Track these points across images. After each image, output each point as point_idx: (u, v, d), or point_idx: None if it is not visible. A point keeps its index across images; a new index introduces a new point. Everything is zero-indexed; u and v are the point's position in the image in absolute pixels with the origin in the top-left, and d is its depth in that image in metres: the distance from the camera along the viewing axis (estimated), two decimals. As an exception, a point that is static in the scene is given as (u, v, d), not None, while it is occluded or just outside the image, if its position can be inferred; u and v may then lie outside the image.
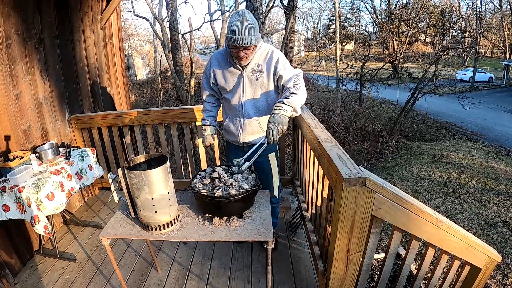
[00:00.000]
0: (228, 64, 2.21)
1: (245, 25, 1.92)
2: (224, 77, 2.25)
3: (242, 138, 2.36)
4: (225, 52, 2.21)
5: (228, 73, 2.23)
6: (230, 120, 2.38)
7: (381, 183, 1.59)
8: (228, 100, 2.32)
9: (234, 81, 2.23)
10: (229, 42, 1.98)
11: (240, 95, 2.24)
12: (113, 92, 4.32)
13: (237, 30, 1.92)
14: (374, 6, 23.96)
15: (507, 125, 14.53)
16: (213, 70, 2.27)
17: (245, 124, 2.31)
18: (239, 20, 1.91)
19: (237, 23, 1.91)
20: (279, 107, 1.89)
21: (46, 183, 2.38)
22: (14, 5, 2.68)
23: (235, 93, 2.25)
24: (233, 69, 2.20)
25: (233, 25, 1.92)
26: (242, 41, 1.94)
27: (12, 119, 2.68)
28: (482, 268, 2.17)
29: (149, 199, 1.69)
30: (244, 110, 2.27)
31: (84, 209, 3.60)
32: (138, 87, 23.20)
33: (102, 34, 4.05)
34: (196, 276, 2.52)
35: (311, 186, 2.58)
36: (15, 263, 2.64)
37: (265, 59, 2.16)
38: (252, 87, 2.21)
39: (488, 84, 23.76)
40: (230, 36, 1.95)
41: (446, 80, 15.29)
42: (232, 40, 1.95)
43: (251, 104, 2.25)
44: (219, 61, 2.25)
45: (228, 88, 2.27)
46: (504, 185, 7.50)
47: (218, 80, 2.28)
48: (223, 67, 2.24)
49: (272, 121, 1.87)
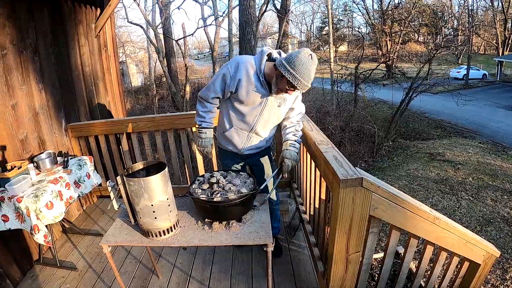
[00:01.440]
0: (257, 81, 2.03)
1: (313, 73, 1.88)
2: (247, 92, 2.05)
3: (245, 150, 2.31)
4: (258, 68, 2.03)
5: (253, 90, 2.05)
6: (235, 132, 2.24)
7: (378, 183, 1.61)
8: (239, 113, 2.16)
9: (256, 100, 2.08)
10: (292, 80, 1.85)
11: (257, 116, 2.15)
12: (108, 99, 4.32)
13: (306, 76, 1.85)
14: (367, 7, 24.10)
15: (502, 121, 14.63)
16: (239, 80, 2.01)
17: (251, 139, 2.27)
18: (312, 66, 1.86)
19: (309, 68, 1.85)
20: (293, 144, 2.14)
21: (45, 192, 2.38)
22: (8, 15, 2.69)
23: (252, 111, 2.13)
24: (260, 87, 2.04)
25: (304, 67, 1.83)
26: (304, 88, 1.90)
27: (9, 129, 2.68)
28: (481, 264, 2.20)
29: (148, 205, 1.70)
30: (255, 127, 2.21)
31: (83, 218, 3.59)
32: (133, 94, 23.19)
33: (96, 42, 4.06)
34: (197, 281, 2.53)
35: (309, 188, 2.59)
36: (15, 273, 2.63)
37: None
38: (271, 112, 2.16)
39: (482, 81, 23.90)
40: (296, 76, 1.84)
41: (440, 78, 15.41)
42: (298, 82, 1.86)
43: (263, 124, 2.21)
44: (248, 73, 2.02)
45: (246, 104, 2.11)
46: (501, 181, 7.55)
47: (240, 92, 2.05)
48: (251, 83, 2.03)
49: (289, 157, 2.09)
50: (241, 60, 2.06)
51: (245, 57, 2.08)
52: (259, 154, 2.43)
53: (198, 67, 30.84)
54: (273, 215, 2.54)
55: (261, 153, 2.43)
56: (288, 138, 2.16)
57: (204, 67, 30.57)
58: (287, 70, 1.85)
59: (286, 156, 2.09)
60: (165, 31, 12.84)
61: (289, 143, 2.13)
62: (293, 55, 1.86)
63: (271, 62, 2.02)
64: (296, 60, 1.84)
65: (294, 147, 2.12)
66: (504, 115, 15.59)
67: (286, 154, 2.10)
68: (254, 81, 2.03)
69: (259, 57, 2.04)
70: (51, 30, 3.24)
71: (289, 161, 2.08)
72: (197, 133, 2.33)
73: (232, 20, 15.83)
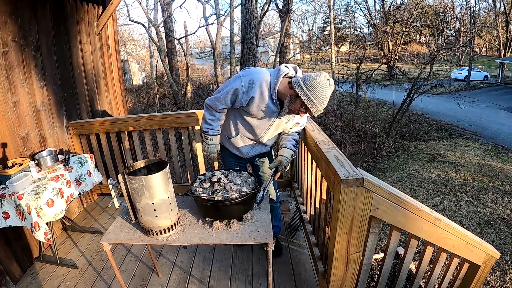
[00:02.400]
0: (270, 99, 2.02)
1: (328, 99, 1.89)
2: (258, 109, 2.06)
3: (248, 155, 2.42)
4: (273, 87, 2.00)
5: (265, 107, 2.05)
6: (241, 139, 2.31)
7: (379, 183, 1.61)
8: (248, 124, 2.20)
9: (266, 116, 2.12)
10: (309, 105, 1.84)
11: (265, 129, 2.22)
12: (110, 97, 4.33)
13: (322, 101, 1.85)
14: (369, 8, 24.13)
15: (503, 123, 14.61)
16: (252, 97, 2.00)
17: (256, 148, 2.38)
18: (329, 92, 1.86)
19: (325, 93, 1.85)
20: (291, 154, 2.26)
21: (46, 190, 2.38)
22: (10, 12, 2.69)
23: (260, 124, 2.19)
24: (272, 106, 2.04)
25: (320, 91, 1.83)
26: (317, 113, 1.89)
27: (10, 126, 2.68)
28: (481, 265, 2.19)
29: (149, 204, 1.70)
30: (261, 138, 2.29)
31: (83, 215, 3.60)
32: (134, 92, 23.21)
33: (98, 40, 4.06)
34: (197, 280, 2.53)
35: (310, 188, 2.59)
36: (15, 270, 2.63)
37: None
38: (279, 127, 2.24)
39: (484, 83, 23.90)
40: (312, 99, 1.83)
41: (441, 79, 15.37)
42: (311, 104, 1.84)
43: (269, 136, 2.30)
44: (262, 92, 2.00)
45: (256, 117, 2.14)
46: (501, 182, 7.54)
47: (251, 107, 2.05)
48: (263, 101, 2.02)
49: (285, 164, 2.22)
50: (257, 77, 2.00)
51: (260, 74, 2.01)
52: (261, 154, 2.50)
53: (199, 66, 30.85)
54: (273, 214, 2.56)
55: (262, 154, 2.51)
56: (290, 148, 2.25)
57: (206, 66, 30.60)
58: (303, 91, 1.83)
59: (284, 165, 2.22)
60: (167, 30, 12.84)
61: (291, 154, 2.25)
62: (311, 77, 1.85)
63: (286, 79, 2.01)
64: (314, 83, 1.82)
65: (292, 157, 2.27)
66: (505, 117, 15.58)
67: (285, 162, 2.22)
68: (266, 100, 2.02)
69: (275, 76, 1.99)
70: (53, 28, 3.25)
71: (281, 168, 2.22)
72: (203, 137, 2.35)
73: (234, 20, 15.81)
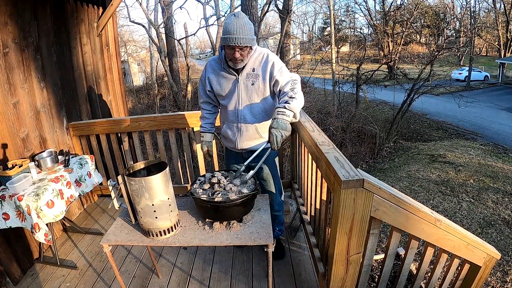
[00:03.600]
0: (223, 70, 2.18)
1: (240, 24, 1.91)
2: (219, 84, 2.23)
3: (240, 144, 2.33)
4: (219, 59, 2.19)
5: (223, 79, 2.20)
6: (227, 127, 2.36)
7: (379, 184, 1.60)
8: (224, 107, 2.29)
9: (229, 87, 2.20)
10: (224, 42, 1.96)
11: (236, 101, 2.21)
12: (110, 98, 4.33)
13: (233, 30, 1.90)
14: (369, 8, 24.15)
15: (503, 123, 14.61)
16: (208, 77, 2.25)
17: (242, 130, 2.28)
18: (235, 20, 1.91)
19: (232, 23, 1.90)
20: (281, 112, 1.87)
21: (46, 191, 2.38)
22: (11, 13, 2.69)
23: (231, 99, 2.22)
24: (228, 75, 2.17)
25: (228, 25, 1.91)
26: (238, 40, 1.92)
27: (10, 127, 2.68)
28: (481, 266, 2.19)
29: (149, 205, 1.69)
30: (241, 115, 2.24)
31: (83, 216, 3.60)
32: (134, 93, 23.23)
33: (98, 41, 4.07)
34: (197, 281, 2.53)
35: (310, 189, 2.59)
36: (15, 271, 2.63)
37: (261, 63, 2.12)
38: (248, 93, 2.18)
39: (484, 83, 23.91)
40: (226, 36, 1.93)
41: (441, 80, 15.36)
42: (227, 40, 1.93)
43: (248, 109, 2.22)
44: (213, 68, 2.23)
45: (224, 94, 2.24)
46: (502, 183, 7.54)
47: (214, 86, 2.26)
48: (218, 74, 2.21)
49: (275, 126, 1.84)
50: (208, 60, 2.31)
51: (212, 57, 2.31)
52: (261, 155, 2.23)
53: (199, 67, 30.84)
54: (276, 220, 2.57)
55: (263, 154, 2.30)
56: (277, 106, 1.94)
57: (206, 67, 30.55)
58: (220, 40, 2.01)
59: (272, 126, 1.85)
60: (167, 31, 12.85)
61: (277, 111, 1.90)
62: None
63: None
64: (223, 26, 1.97)
65: (283, 114, 1.87)
66: (506, 117, 15.57)
67: (273, 123, 1.86)
68: (219, 71, 2.21)
69: (220, 46, 2.10)
70: (53, 29, 3.25)
71: (275, 130, 1.84)
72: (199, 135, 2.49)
73: (234, 20, 15.79)
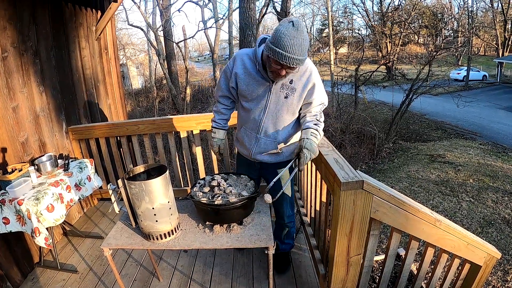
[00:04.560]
0: (256, 71, 1.89)
1: (299, 41, 1.59)
2: (247, 85, 1.93)
3: (254, 155, 2.12)
4: (254, 56, 1.88)
5: (253, 82, 1.91)
6: (244, 132, 2.12)
7: (378, 185, 1.61)
8: (246, 110, 2.03)
9: (258, 92, 1.92)
10: (273, 55, 1.63)
11: (262, 110, 1.96)
12: (109, 102, 4.33)
13: (289, 47, 1.58)
14: (367, 9, 24.22)
15: (502, 122, 14.64)
16: (236, 73, 1.94)
17: (260, 142, 2.07)
18: (294, 34, 1.58)
19: (290, 37, 1.57)
20: (314, 134, 1.80)
21: (46, 195, 2.38)
22: (9, 17, 2.69)
23: (257, 105, 1.97)
24: (260, 79, 1.89)
25: (284, 38, 1.58)
26: (291, 61, 1.61)
27: (10, 131, 2.68)
28: (482, 265, 2.19)
29: (149, 208, 1.70)
30: (263, 126, 2.01)
31: (83, 220, 3.59)
32: (133, 96, 23.24)
33: (97, 45, 4.07)
34: (198, 284, 2.52)
35: (310, 191, 2.59)
36: (16, 275, 2.63)
37: (301, 78, 1.87)
38: (278, 105, 1.93)
39: (482, 82, 23.97)
40: (278, 50, 1.60)
41: (440, 80, 15.40)
42: (279, 55, 1.61)
43: (272, 122, 1.99)
44: (245, 65, 1.92)
45: (250, 98, 1.97)
46: (501, 182, 7.55)
47: (240, 86, 1.96)
48: (249, 74, 1.91)
49: (309, 148, 1.74)
50: (239, 52, 1.96)
51: (243, 50, 1.95)
52: (276, 165, 2.17)
53: (198, 70, 30.93)
54: (285, 232, 2.49)
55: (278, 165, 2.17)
56: (310, 126, 1.83)
57: (205, 69, 30.70)
58: (268, 47, 1.65)
59: (306, 146, 1.74)
60: (166, 34, 12.86)
61: (310, 132, 1.80)
62: (275, 29, 1.63)
63: None
64: (275, 32, 1.61)
65: (315, 137, 1.80)
66: (505, 116, 15.60)
67: (306, 144, 1.75)
68: (251, 72, 1.90)
69: (265, 51, 1.75)
70: (52, 33, 3.25)
71: (308, 152, 1.74)
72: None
73: (233, 23, 15.88)
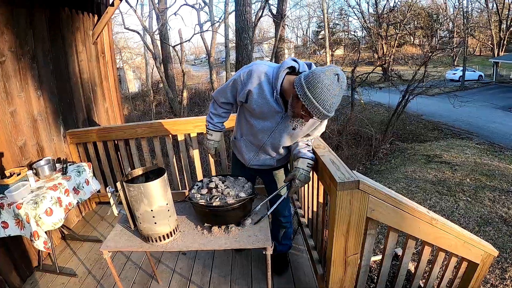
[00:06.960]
0: (271, 97, 1.74)
1: (338, 100, 1.50)
2: (259, 107, 1.80)
3: (251, 165, 2.15)
4: (274, 83, 1.72)
5: (266, 106, 1.78)
6: (244, 143, 2.08)
7: (374, 185, 1.63)
8: (250, 125, 1.95)
9: (268, 116, 1.84)
10: (308, 107, 1.49)
11: (267, 133, 1.92)
12: (106, 106, 4.34)
13: (329, 105, 1.48)
14: (362, 11, 24.31)
15: (498, 121, 14.73)
16: (250, 91, 1.76)
17: (259, 157, 2.09)
18: (337, 92, 1.48)
19: (332, 95, 1.46)
20: (310, 165, 1.88)
21: (44, 199, 2.39)
22: (6, 22, 2.70)
23: (263, 127, 1.90)
24: (275, 106, 1.77)
25: (327, 94, 1.45)
26: (324, 117, 1.54)
27: (7, 136, 2.68)
28: (479, 264, 2.21)
29: (148, 211, 1.71)
30: (264, 146, 2.00)
31: (82, 224, 3.59)
32: (130, 100, 23.20)
33: (94, 49, 4.08)
34: (197, 286, 2.53)
35: (307, 192, 2.61)
36: (15, 279, 2.62)
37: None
38: (284, 134, 1.90)
39: (478, 82, 24.11)
40: (316, 104, 1.47)
41: (436, 80, 15.49)
42: (315, 110, 1.49)
43: (272, 145, 1.99)
44: (261, 86, 1.74)
45: (258, 118, 1.88)
46: (498, 181, 7.59)
47: (250, 103, 1.82)
48: (263, 97, 1.76)
49: (302, 180, 1.85)
50: (256, 68, 1.75)
51: (262, 66, 1.76)
52: (270, 172, 2.23)
53: (195, 73, 30.95)
54: (283, 233, 2.51)
55: (272, 171, 2.23)
56: (307, 156, 1.87)
57: (201, 72, 30.74)
58: (302, 91, 1.49)
59: (299, 178, 1.84)
60: (162, 37, 12.89)
61: (307, 163, 1.85)
62: (315, 73, 1.47)
63: (293, 75, 1.68)
64: (317, 80, 1.45)
65: (309, 167, 1.86)
66: (501, 116, 15.70)
67: (300, 176, 1.84)
68: (267, 96, 1.75)
69: (278, 69, 1.70)
70: (49, 37, 3.26)
71: (300, 183, 1.85)
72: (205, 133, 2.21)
73: (229, 26, 15.91)
